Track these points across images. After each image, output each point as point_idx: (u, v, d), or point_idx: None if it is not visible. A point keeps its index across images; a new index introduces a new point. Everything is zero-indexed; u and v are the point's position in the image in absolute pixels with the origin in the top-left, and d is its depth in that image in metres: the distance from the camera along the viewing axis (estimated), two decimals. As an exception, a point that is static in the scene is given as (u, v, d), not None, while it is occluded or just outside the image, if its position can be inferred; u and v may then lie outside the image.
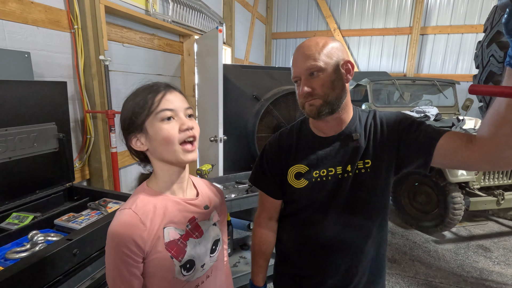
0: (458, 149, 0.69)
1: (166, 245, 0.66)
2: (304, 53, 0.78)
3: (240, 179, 2.31)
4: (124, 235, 0.62)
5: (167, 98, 0.68)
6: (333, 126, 0.85)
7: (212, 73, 2.59)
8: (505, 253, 2.71)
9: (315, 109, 0.79)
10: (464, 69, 5.32)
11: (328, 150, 0.86)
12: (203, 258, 0.73)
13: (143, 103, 0.67)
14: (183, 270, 0.68)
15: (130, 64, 2.45)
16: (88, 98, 1.96)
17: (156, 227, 0.66)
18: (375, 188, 0.83)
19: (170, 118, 0.67)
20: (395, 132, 0.81)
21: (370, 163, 0.82)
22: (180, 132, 0.67)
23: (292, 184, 0.89)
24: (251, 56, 5.45)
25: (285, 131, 0.95)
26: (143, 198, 0.69)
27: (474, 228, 3.18)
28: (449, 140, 0.71)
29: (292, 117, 2.94)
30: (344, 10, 5.86)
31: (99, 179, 2.08)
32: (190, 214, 0.73)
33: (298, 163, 0.88)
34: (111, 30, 2.22)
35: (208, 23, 3.64)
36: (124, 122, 0.70)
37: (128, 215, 0.65)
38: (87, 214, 1.34)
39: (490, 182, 2.91)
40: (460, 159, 0.69)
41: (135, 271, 0.64)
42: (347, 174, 0.83)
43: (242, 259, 2.26)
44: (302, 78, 0.79)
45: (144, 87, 0.72)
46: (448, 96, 4.12)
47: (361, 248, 0.87)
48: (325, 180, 0.85)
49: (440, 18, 5.33)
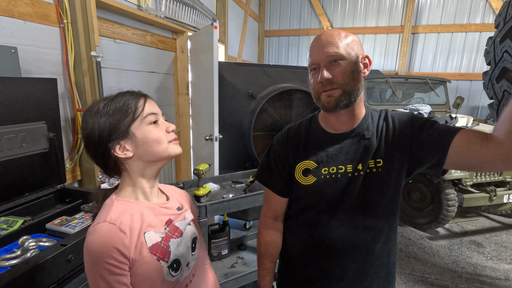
0: (474, 147, 0.67)
1: (150, 249, 0.66)
2: (326, 40, 0.76)
3: (237, 179, 2.27)
4: (105, 247, 0.60)
5: (148, 102, 0.71)
6: (345, 121, 0.82)
7: (207, 70, 2.54)
8: (497, 248, 2.77)
9: (334, 100, 0.76)
10: (454, 68, 5.41)
11: (338, 147, 0.83)
12: (187, 257, 0.75)
13: (126, 109, 0.67)
14: (171, 270, 0.69)
15: (122, 61, 2.37)
16: (79, 96, 1.88)
17: (136, 233, 0.65)
18: (386, 188, 0.81)
19: (155, 121, 0.70)
20: (408, 131, 0.79)
21: (381, 163, 0.80)
22: (167, 134, 0.71)
23: (299, 180, 0.86)
24: (244, 53, 5.40)
25: (293, 127, 0.92)
26: (117, 209, 0.66)
27: (466, 224, 3.24)
28: (464, 138, 0.70)
29: (288, 115, 2.92)
30: (336, 8, 5.87)
31: (92, 180, 2.00)
32: (165, 217, 0.74)
33: (307, 159, 0.85)
34: (102, 25, 2.14)
35: (201, 20, 3.58)
36: (102, 132, 0.65)
37: (105, 227, 0.62)
38: (81, 218, 1.28)
39: (482, 178, 2.96)
40: (475, 158, 0.67)
41: (124, 280, 0.62)
42: (358, 173, 0.81)
43: (239, 259, 2.22)
44: (322, 65, 0.76)
45: (117, 95, 0.70)
46: (440, 94, 4.18)
47: (371, 251, 0.84)
48: (335, 177, 0.82)
49: (430, 17, 5.40)
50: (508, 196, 2.79)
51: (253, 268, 2.01)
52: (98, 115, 0.66)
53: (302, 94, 2.92)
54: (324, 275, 0.88)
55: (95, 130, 0.66)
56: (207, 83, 2.53)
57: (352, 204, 0.82)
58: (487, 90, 0.93)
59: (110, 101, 0.68)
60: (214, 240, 2.15)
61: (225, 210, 1.76)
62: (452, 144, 0.70)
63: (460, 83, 5.36)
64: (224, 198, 1.82)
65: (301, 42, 6.21)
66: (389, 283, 0.91)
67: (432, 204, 2.94)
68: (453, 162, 0.72)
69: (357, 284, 0.86)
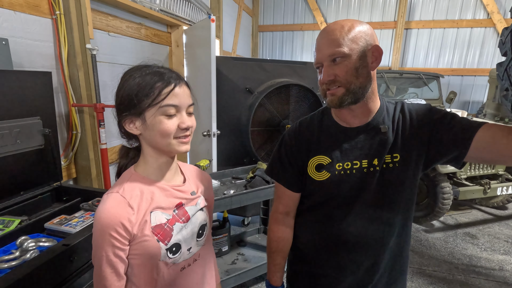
0: (499, 141, 0.66)
1: (152, 228, 0.67)
2: (327, 38, 0.73)
3: (237, 174, 2.25)
4: (112, 218, 0.63)
5: (175, 92, 0.66)
6: (358, 115, 0.80)
7: (203, 65, 2.49)
8: (490, 239, 2.83)
9: (337, 99, 0.75)
10: (446, 63, 5.48)
11: (353, 142, 0.80)
12: (190, 242, 0.74)
13: (149, 90, 0.65)
14: (169, 253, 0.69)
15: (116, 54, 2.30)
16: (73, 90, 1.81)
17: (143, 211, 0.67)
18: (403, 183, 0.79)
19: (172, 114, 0.66)
20: (427, 124, 0.77)
21: (398, 158, 0.78)
22: (178, 130, 0.67)
23: (312, 176, 0.83)
24: (238, 48, 5.34)
25: (305, 121, 0.89)
26: (131, 183, 0.69)
27: (460, 217, 3.31)
28: (488, 132, 0.68)
29: (286, 110, 2.90)
30: (330, 3, 5.86)
31: (87, 178, 1.95)
32: (177, 200, 0.73)
33: (320, 154, 0.82)
34: (96, 17, 2.06)
35: (196, 14, 3.51)
36: (122, 101, 0.67)
37: (116, 199, 0.65)
38: (81, 216, 1.23)
39: (476, 172, 3.02)
40: (501, 153, 0.66)
41: (121, 254, 0.65)
42: (374, 169, 0.79)
43: (240, 256, 2.21)
44: (324, 65, 0.74)
45: (154, 70, 0.68)
46: (433, 89, 4.23)
47: (385, 245, 0.83)
48: (349, 173, 0.80)
49: (423, 13, 5.44)
50: (501, 189, 2.85)
51: (254, 264, 2.00)
52: (128, 83, 0.66)
53: (299, 88, 2.90)
54: (338, 269, 0.86)
55: (118, 96, 0.68)
56: (204, 78, 2.48)
57: (368, 200, 0.80)
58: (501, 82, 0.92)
59: (143, 74, 0.66)
60: (214, 237, 2.13)
61: (227, 206, 1.73)
62: (475, 138, 0.69)
63: (451, 78, 5.44)
64: (226, 194, 1.80)
65: (295, 37, 6.18)
66: (401, 276, 0.91)
67: (427, 198, 2.98)
68: (475, 155, 0.71)
69: (369, 277, 0.86)
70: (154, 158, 0.71)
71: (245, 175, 2.25)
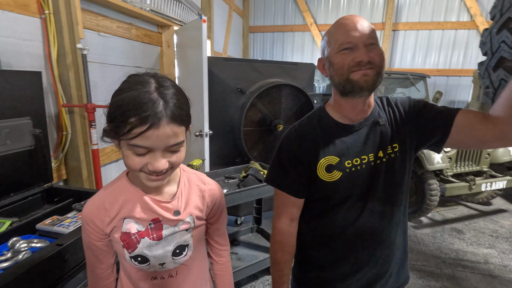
0: (474, 126, 0.71)
1: (121, 234, 0.69)
2: (360, 23, 0.73)
3: (230, 174, 2.26)
4: (87, 214, 0.69)
5: (147, 134, 0.56)
6: (361, 110, 0.81)
7: (195, 65, 2.49)
8: (475, 234, 2.93)
9: (371, 79, 0.73)
10: (432, 64, 5.62)
11: (356, 137, 0.81)
12: (162, 258, 0.72)
13: (121, 123, 0.57)
14: (133, 260, 0.71)
15: (107, 54, 2.28)
16: (63, 91, 1.79)
17: (116, 216, 0.69)
18: (405, 172, 0.83)
19: (141, 154, 0.59)
20: (412, 113, 0.82)
21: (397, 147, 0.82)
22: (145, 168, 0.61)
23: (323, 178, 0.81)
24: (229, 49, 5.35)
25: (304, 122, 0.87)
26: (117, 187, 0.72)
27: (447, 213, 3.40)
28: (465, 117, 0.73)
29: (277, 110, 2.93)
30: (320, 4, 5.93)
31: (78, 179, 1.92)
32: (155, 215, 0.70)
33: (328, 155, 0.81)
34: (86, 17, 2.04)
35: (187, 14, 3.50)
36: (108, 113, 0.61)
37: (96, 197, 0.71)
38: (74, 217, 1.22)
39: (462, 169, 3.11)
40: (476, 137, 0.71)
41: (97, 244, 0.71)
42: (380, 161, 0.81)
43: (233, 255, 2.22)
44: (360, 46, 0.72)
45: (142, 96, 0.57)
46: (420, 89, 4.34)
47: (394, 235, 0.86)
48: (360, 169, 0.81)
49: (410, 14, 5.57)
50: (485, 185, 2.95)
51: (248, 263, 2.01)
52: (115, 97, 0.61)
53: (290, 88, 2.94)
54: (357, 269, 0.86)
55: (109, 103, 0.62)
56: (195, 78, 2.49)
57: (379, 191, 0.82)
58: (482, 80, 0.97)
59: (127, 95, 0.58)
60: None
61: (220, 205, 1.74)
62: (455, 123, 0.73)
63: (437, 78, 5.58)
64: (219, 193, 1.81)
65: (286, 38, 6.23)
66: (406, 260, 0.94)
67: (416, 195, 3.05)
68: (454, 140, 0.75)
69: (386, 268, 0.87)
70: None
71: (237, 174, 2.26)
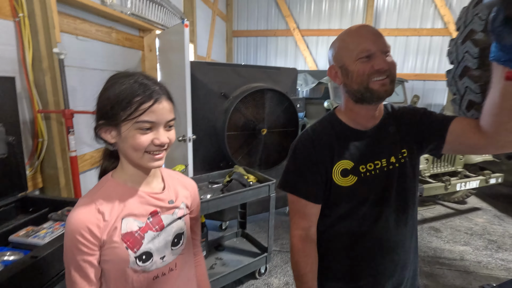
0: (468, 134, 0.75)
1: (122, 236, 0.67)
2: (375, 32, 0.75)
3: (213, 179, 2.25)
4: (80, 222, 0.64)
5: (153, 109, 0.65)
6: (373, 116, 0.82)
7: (177, 69, 2.48)
8: (452, 232, 3.05)
9: (389, 88, 0.75)
10: (409, 69, 5.85)
11: (369, 143, 0.83)
12: (163, 250, 0.74)
13: (127, 104, 0.64)
14: (138, 260, 0.69)
15: (85, 58, 2.22)
16: (39, 96, 1.73)
17: (114, 217, 0.67)
18: (414, 176, 0.85)
19: (147, 129, 0.66)
20: (414, 120, 0.84)
21: (406, 153, 0.84)
22: (151, 145, 0.66)
23: (338, 182, 0.81)
24: (212, 53, 5.35)
25: (316, 127, 0.87)
26: (106, 189, 0.70)
27: (425, 212, 3.53)
28: (459, 124, 0.76)
29: (261, 114, 2.96)
30: (302, 10, 6.05)
31: (55, 187, 1.86)
32: (151, 208, 0.73)
33: (343, 159, 0.81)
34: (63, 20, 1.99)
35: (169, 18, 3.48)
36: (100, 108, 0.67)
37: (87, 203, 0.66)
38: (50, 227, 1.18)
39: (438, 170, 3.25)
40: (469, 144, 0.75)
41: (90, 259, 0.65)
42: (393, 166, 0.82)
43: (218, 260, 2.20)
44: (378, 54, 0.74)
45: (137, 80, 0.67)
46: (399, 93, 4.50)
47: (409, 240, 0.87)
48: (374, 174, 0.82)
49: (388, 21, 5.78)
50: (460, 185, 3.09)
51: (233, 268, 2.01)
52: (109, 92, 0.66)
53: (273, 93, 2.97)
54: (377, 275, 0.86)
55: (98, 103, 0.68)
56: (178, 83, 2.47)
57: (394, 198, 0.82)
58: (450, 87, 1.03)
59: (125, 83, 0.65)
60: (191, 243, 2.11)
61: (204, 211, 1.74)
62: (449, 130, 0.77)
63: (415, 82, 5.80)
64: (202, 198, 1.80)
65: (269, 43, 6.30)
66: (417, 266, 0.95)
67: (396, 195, 3.15)
68: (450, 146, 0.79)
69: (404, 274, 0.87)
70: (129, 166, 0.71)
71: (221, 179, 2.26)
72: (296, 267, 0.86)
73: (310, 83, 4.62)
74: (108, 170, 0.75)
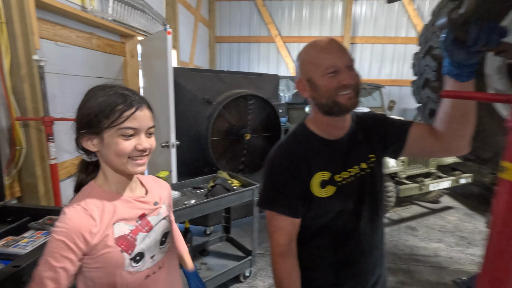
0: (425, 138, 0.82)
1: (116, 240, 0.70)
2: (339, 47, 0.77)
3: (197, 184, 2.27)
4: (72, 229, 0.64)
5: (135, 116, 0.69)
6: (343, 126, 0.86)
7: (160, 76, 2.49)
8: (427, 230, 3.21)
9: (355, 101, 0.77)
10: (386, 75, 6.11)
11: (342, 152, 0.85)
12: (153, 250, 0.77)
13: (110, 112, 0.67)
14: (133, 262, 0.72)
15: (66, 65, 2.19)
16: (17, 103, 1.70)
17: (105, 223, 0.69)
18: (381, 179, 0.90)
19: (130, 135, 0.69)
20: (377, 125, 0.89)
21: (374, 157, 0.88)
22: (134, 151, 0.70)
23: (317, 194, 0.82)
24: (195, 59, 5.36)
25: (290, 140, 0.87)
26: (94, 195, 0.71)
27: (402, 212, 3.69)
28: (417, 129, 0.83)
29: (244, 120, 3.01)
30: (283, 17, 6.19)
31: (34, 196, 1.81)
32: (140, 211, 0.77)
33: (320, 170, 0.82)
34: (42, 26, 1.96)
35: (151, 24, 3.48)
36: (82, 118, 0.70)
37: (78, 210, 0.67)
38: (31, 236, 1.17)
39: (412, 171, 3.41)
40: (426, 147, 0.83)
41: (73, 270, 0.65)
42: (364, 172, 0.86)
43: (203, 265, 2.22)
44: (343, 69, 0.76)
45: (117, 91, 0.71)
46: (376, 98, 4.70)
47: (381, 239, 0.91)
48: (350, 182, 0.84)
49: (365, 29, 6.03)
50: (433, 185, 3.26)
51: (217, 272, 2.03)
52: (90, 103, 0.69)
53: (256, 99, 3.03)
54: (361, 278, 0.88)
55: (78, 113, 0.71)
56: (161, 89, 2.48)
57: (368, 202, 0.85)
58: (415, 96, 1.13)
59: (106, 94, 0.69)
60: (176, 248, 2.11)
61: (188, 216, 1.76)
62: (409, 135, 0.83)
63: (391, 88, 6.07)
64: (187, 204, 1.81)
65: (252, 49, 6.39)
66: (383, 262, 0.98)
67: (374, 197, 3.28)
68: (408, 149, 0.85)
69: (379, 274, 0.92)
70: (112, 173, 0.74)
71: (205, 184, 2.28)
72: (280, 284, 0.83)
73: (292, 89, 4.73)
74: (84, 183, 0.76)
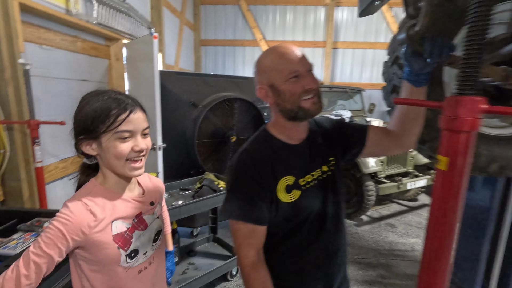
0: (382, 138, 0.91)
1: (113, 237, 0.74)
2: (299, 52, 0.80)
3: (184, 186, 2.31)
4: (73, 221, 0.68)
5: (130, 119, 0.72)
6: (303, 130, 0.88)
7: (146, 79, 2.51)
8: (405, 227, 3.38)
9: (320, 106, 0.80)
10: (367, 79, 6.34)
11: (304, 156, 0.86)
12: (146, 246, 0.82)
13: (105, 117, 0.70)
14: (128, 258, 0.77)
15: (50, 68, 2.19)
16: (1, 106, 1.69)
17: (105, 220, 0.73)
18: (342, 180, 0.93)
19: (126, 138, 0.72)
20: (335, 129, 0.94)
21: (333, 160, 0.91)
22: (132, 152, 0.73)
23: (283, 199, 0.81)
24: (181, 62, 5.38)
25: (254, 146, 0.85)
26: (95, 193, 0.75)
27: (383, 210, 3.85)
28: (374, 131, 0.92)
29: (230, 122, 3.07)
30: (267, 22, 6.32)
31: (18, 199, 1.81)
32: (137, 210, 0.81)
33: (285, 175, 0.82)
34: (26, 29, 1.96)
35: (136, 28, 3.49)
36: (79, 125, 0.73)
37: (79, 204, 0.70)
38: (20, 238, 1.18)
39: (391, 171, 3.58)
40: (383, 146, 0.92)
41: (55, 255, 0.67)
42: (326, 174, 0.88)
43: (190, 265, 2.25)
44: (305, 74, 0.78)
45: (110, 96, 0.74)
46: (357, 101, 4.88)
47: (344, 240, 0.94)
48: (313, 185, 0.85)
49: (347, 34, 6.24)
50: (410, 184, 3.44)
51: (205, 272, 2.07)
52: (86, 109, 0.72)
53: (242, 102, 3.10)
54: (328, 279, 0.90)
55: (76, 120, 0.73)
56: (147, 92, 2.50)
57: (331, 204, 0.88)
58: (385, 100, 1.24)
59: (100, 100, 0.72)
60: (163, 249, 2.13)
61: (176, 216, 1.80)
62: (368, 137, 0.91)
63: (372, 91, 6.30)
64: (174, 205, 1.85)
65: (237, 53, 6.46)
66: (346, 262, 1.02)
67: (356, 196, 3.42)
68: (367, 150, 0.93)
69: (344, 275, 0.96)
70: (112, 175, 0.78)
71: (192, 186, 2.33)
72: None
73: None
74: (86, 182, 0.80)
